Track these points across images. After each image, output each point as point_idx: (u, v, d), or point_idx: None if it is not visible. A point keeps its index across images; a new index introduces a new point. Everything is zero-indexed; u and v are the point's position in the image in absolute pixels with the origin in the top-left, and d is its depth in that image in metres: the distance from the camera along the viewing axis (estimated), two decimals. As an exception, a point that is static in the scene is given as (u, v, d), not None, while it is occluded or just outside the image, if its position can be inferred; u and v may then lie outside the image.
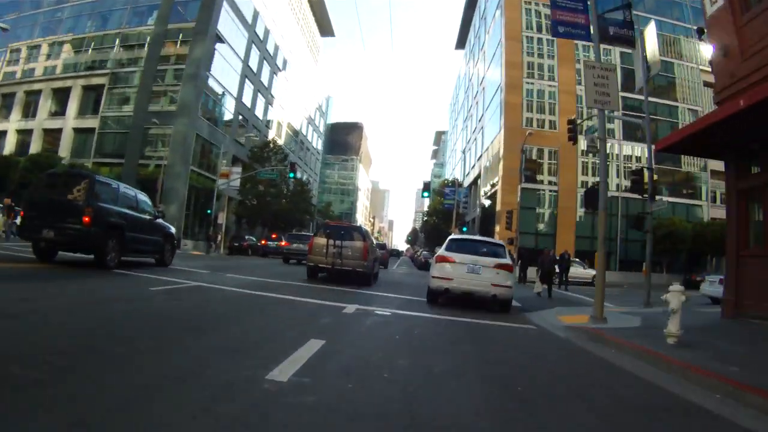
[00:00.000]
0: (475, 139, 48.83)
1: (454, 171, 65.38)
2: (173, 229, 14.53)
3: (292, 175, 35.96)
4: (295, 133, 68.20)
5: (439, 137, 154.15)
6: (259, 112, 52.81)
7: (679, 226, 32.05)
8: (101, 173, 39.64)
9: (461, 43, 75.54)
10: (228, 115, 45.47)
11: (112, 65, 43.48)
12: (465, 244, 11.57)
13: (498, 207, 35.26)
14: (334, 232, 14.32)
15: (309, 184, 59.94)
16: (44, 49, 46.86)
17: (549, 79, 37.95)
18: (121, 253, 11.18)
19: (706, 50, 21.70)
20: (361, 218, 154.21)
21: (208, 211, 36.62)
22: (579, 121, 20.53)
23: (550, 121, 37.32)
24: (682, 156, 35.79)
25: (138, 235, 11.83)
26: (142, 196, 12.91)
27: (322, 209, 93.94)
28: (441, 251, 11.35)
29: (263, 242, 38.10)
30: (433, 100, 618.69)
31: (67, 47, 45.79)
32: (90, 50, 44.67)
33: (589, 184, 37.45)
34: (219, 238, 34.37)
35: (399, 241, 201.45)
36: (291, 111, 64.33)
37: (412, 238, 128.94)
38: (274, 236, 39.14)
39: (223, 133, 43.06)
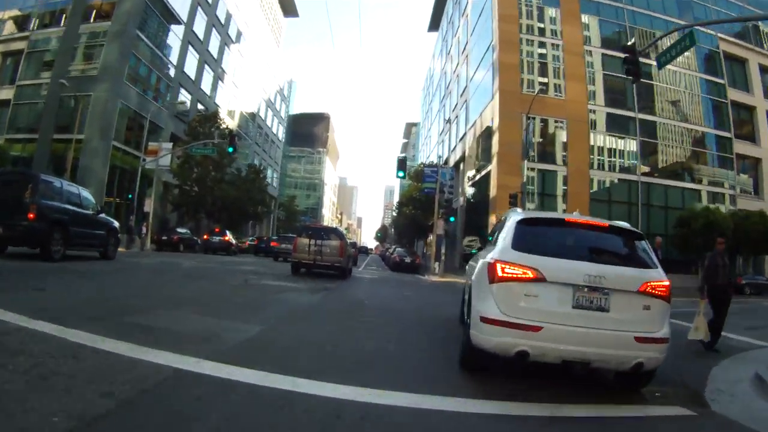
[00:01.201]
0: (456, 116, 42.69)
1: (428, 158, 59.26)
2: (116, 224, 14.97)
3: (231, 150, 29.08)
4: (252, 117, 61.02)
5: (410, 129, 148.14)
6: (206, 86, 45.62)
7: (718, 216, 26.61)
8: (13, 152, 33.83)
9: (435, 23, 69.70)
10: (167, 88, 38.26)
11: (31, 26, 35.86)
12: (563, 233, 4.97)
13: (492, 192, 29.13)
14: (315, 233, 16.80)
15: (263, 170, 52.85)
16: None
17: (552, 35, 32.05)
18: (66, 246, 11.67)
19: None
20: (328, 213, 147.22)
21: (129, 196, 29.57)
22: (640, 50, 14.46)
23: (555, 85, 31.41)
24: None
25: (82, 229, 12.38)
26: (85, 193, 13.38)
27: (284, 203, 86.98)
28: (501, 250, 4.72)
29: (205, 236, 31.35)
30: (404, 93, 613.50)
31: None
32: (9, 10, 36.86)
33: (605, 166, 31.91)
34: (145, 230, 27.38)
35: (368, 239, 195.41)
36: (247, 91, 57.12)
37: (382, 235, 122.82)
38: (216, 230, 32.41)
39: (159, 106, 35.84)
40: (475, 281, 5.07)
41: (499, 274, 4.38)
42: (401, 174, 25.36)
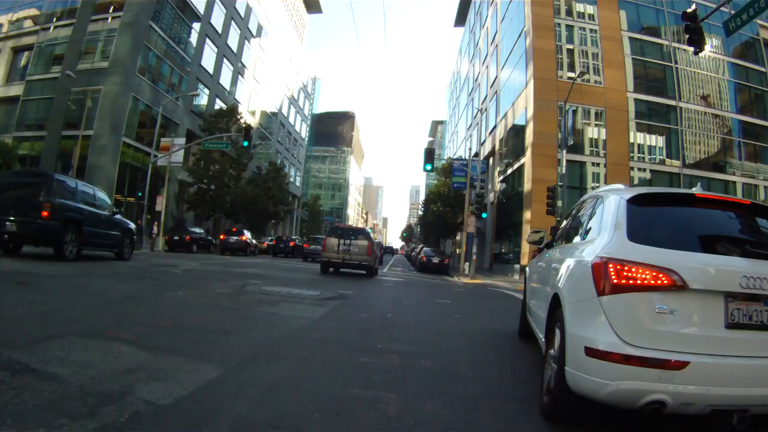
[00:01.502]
0: (486, 108, 40.22)
1: (456, 154, 56.70)
2: (132, 225, 14.57)
3: (246, 143, 27.29)
4: (274, 114, 59.44)
5: (436, 127, 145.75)
6: (225, 81, 44.11)
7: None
8: (21, 150, 32.66)
9: (461, 18, 67.31)
10: (182, 80, 36.75)
11: (42, 20, 34.80)
12: (694, 215, 3.29)
13: (526, 186, 26.64)
14: (344, 233, 17.61)
15: (284, 167, 51.10)
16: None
17: (589, 19, 29.39)
18: (80, 246, 11.60)
19: None
20: (353, 213, 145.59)
21: (140, 194, 28.00)
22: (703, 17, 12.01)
23: (594, 69, 28.57)
24: None
25: (97, 230, 12.26)
26: (101, 194, 13.26)
27: (308, 202, 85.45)
28: (612, 244, 3.04)
29: (222, 237, 29.65)
30: (430, 91, 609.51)
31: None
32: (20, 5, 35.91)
33: (646, 158, 29.15)
34: (156, 230, 25.72)
35: (393, 239, 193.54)
36: (269, 87, 55.60)
37: (407, 235, 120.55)
38: (233, 230, 30.68)
39: (173, 99, 34.29)
40: (566, 292, 3.31)
41: (616, 280, 2.80)
42: (428, 167, 23.06)
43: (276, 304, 7.72)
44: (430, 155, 22.95)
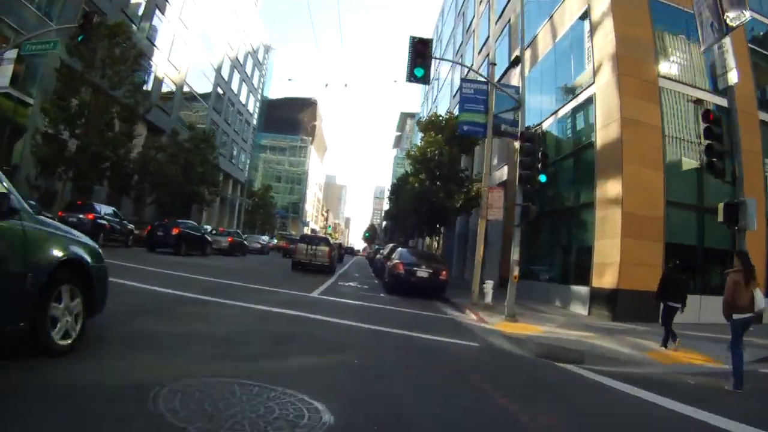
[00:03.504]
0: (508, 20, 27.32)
1: (439, 107, 44.48)
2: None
3: (141, 77, 16.04)
4: (208, 75, 47.40)
5: (405, 121, 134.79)
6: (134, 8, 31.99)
7: None
8: None
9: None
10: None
11: None
12: None
13: (606, 133, 14.80)
14: (311, 240, 22.90)
15: (213, 136, 39.28)
16: None
17: None
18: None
19: None
20: (312, 210, 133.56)
21: None
22: None
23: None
24: None
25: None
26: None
27: (258, 192, 73.57)
28: None
29: (60, 213, 17.93)
30: (397, 90, 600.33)
31: None
32: None
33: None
34: None
35: (356, 239, 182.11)
36: (202, 38, 43.59)
37: (370, 235, 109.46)
38: (79, 203, 19.05)
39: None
40: None
41: None
42: (419, 72, 11.78)
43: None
44: (421, 51, 11.80)
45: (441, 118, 25.76)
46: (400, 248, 20.11)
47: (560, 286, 17.15)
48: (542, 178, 12.28)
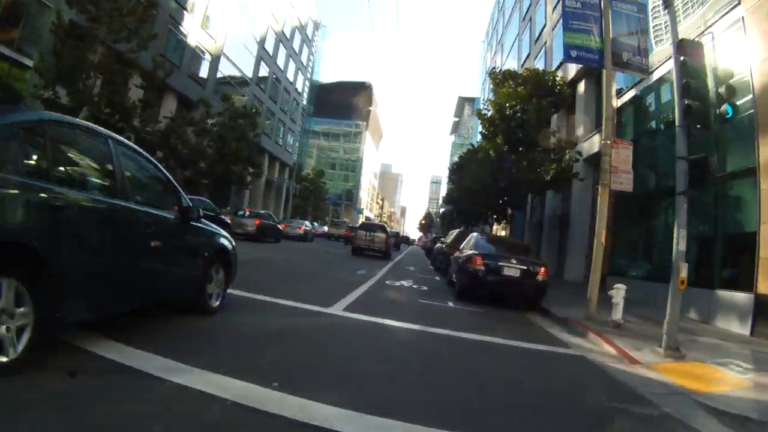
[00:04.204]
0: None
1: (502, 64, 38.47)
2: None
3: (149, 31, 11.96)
4: (251, 49, 43.65)
5: (463, 105, 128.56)
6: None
7: None
8: None
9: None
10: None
11: None
12: None
13: None
14: (369, 228, 24.72)
15: (257, 112, 35.44)
16: None
17: None
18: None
19: None
20: (366, 197, 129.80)
21: None
22: None
23: None
24: None
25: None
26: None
27: (309, 176, 70.15)
28: None
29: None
30: (458, 76, 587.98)
31: None
32: None
33: None
34: None
35: (411, 229, 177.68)
36: (241, 6, 39.80)
37: (427, 223, 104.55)
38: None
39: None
40: None
41: None
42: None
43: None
44: None
45: (522, 71, 20.16)
46: (473, 234, 14.34)
47: (696, 291, 11.69)
48: (728, 109, 7.11)
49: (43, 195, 3.10)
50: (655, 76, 14.44)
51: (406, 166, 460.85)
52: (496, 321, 8.81)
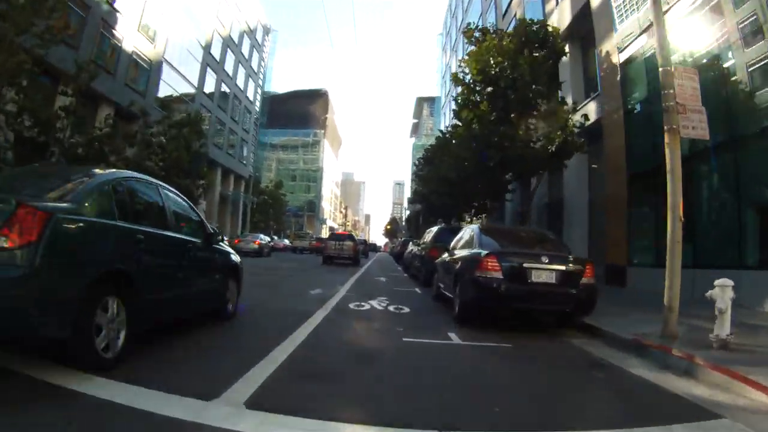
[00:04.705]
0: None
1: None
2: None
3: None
4: (193, 52, 40.84)
5: (421, 105, 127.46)
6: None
7: None
8: None
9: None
10: None
11: None
12: None
13: None
14: (338, 238, 27.49)
15: (201, 119, 32.62)
16: None
17: None
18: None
19: None
20: (329, 207, 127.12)
21: None
22: None
23: None
24: None
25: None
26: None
27: (267, 188, 67.35)
28: None
29: None
30: (413, 76, 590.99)
31: None
32: None
33: None
34: None
35: (376, 236, 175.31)
36: (183, 9, 37.04)
37: (392, 228, 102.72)
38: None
39: None
40: None
41: None
42: None
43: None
44: None
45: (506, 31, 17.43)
46: (469, 227, 9.90)
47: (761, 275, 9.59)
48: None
49: (129, 233, 4.31)
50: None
51: (369, 172, 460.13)
52: (545, 366, 5.56)
